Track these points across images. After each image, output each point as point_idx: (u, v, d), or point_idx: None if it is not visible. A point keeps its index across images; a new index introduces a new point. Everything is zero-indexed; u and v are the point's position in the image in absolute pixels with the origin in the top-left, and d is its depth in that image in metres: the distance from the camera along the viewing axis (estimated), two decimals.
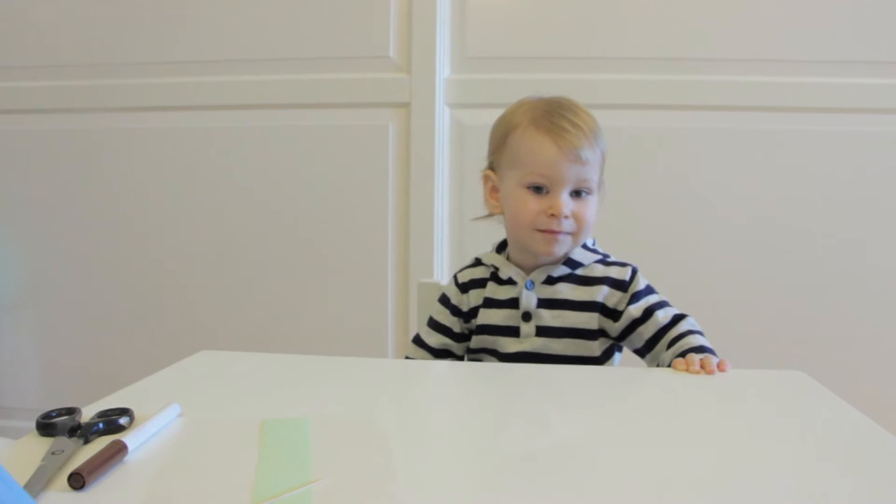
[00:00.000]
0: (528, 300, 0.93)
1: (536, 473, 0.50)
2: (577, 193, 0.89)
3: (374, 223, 1.77)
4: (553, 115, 0.89)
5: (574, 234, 0.90)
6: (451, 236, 1.76)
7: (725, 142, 1.66)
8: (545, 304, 0.92)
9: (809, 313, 1.66)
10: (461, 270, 1.02)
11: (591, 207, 0.90)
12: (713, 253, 1.68)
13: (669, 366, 0.82)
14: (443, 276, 1.75)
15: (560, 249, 0.91)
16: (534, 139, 0.89)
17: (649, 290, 0.93)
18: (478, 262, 1.01)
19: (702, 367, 0.78)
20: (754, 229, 1.67)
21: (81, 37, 1.82)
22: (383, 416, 0.62)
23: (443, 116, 1.72)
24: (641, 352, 0.93)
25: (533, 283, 0.93)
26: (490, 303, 0.96)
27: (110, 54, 1.82)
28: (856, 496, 0.46)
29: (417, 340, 1.02)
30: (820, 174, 1.65)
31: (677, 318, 0.90)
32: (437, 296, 1.11)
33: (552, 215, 0.88)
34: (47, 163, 1.87)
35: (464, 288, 1.00)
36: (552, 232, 0.89)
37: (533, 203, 0.89)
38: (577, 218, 0.89)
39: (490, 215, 0.99)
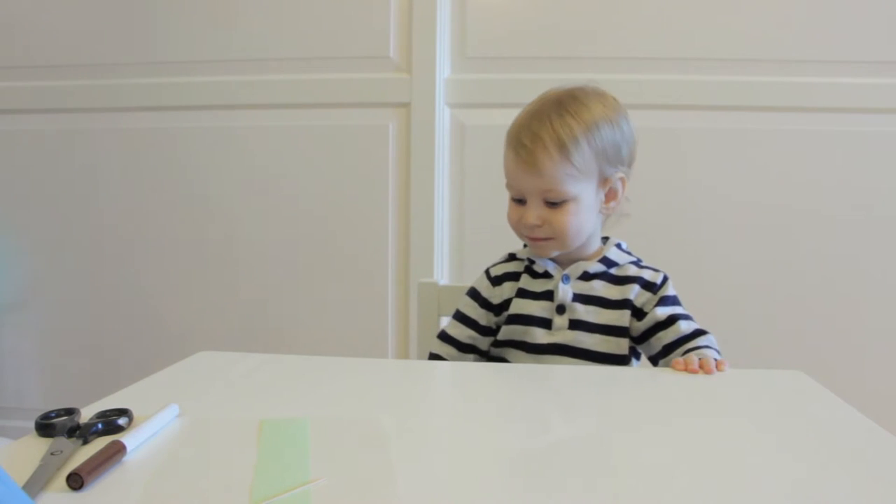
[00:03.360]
0: (565, 293, 0.94)
1: (536, 473, 0.50)
2: (550, 201, 0.90)
3: (374, 223, 1.77)
4: (520, 130, 0.91)
5: (555, 239, 0.92)
6: (451, 236, 1.76)
7: (725, 142, 1.66)
8: (580, 298, 0.94)
9: (809, 313, 1.66)
10: (494, 265, 1.03)
11: (565, 215, 0.90)
12: (712, 252, 1.68)
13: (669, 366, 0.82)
14: (443, 275, 1.75)
15: (547, 252, 0.95)
16: (506, 152, 0.94)
17: (677, 301, 0.95)
18: (512, 257, 1.03)
19: (700, 366, 0.78)
20: (753, 229, 1.67)
21: (81, 37, 1.82)
22: (383, 416, 0.62)
23: (443, 116, 1.72)
24: (656, 358, 0.93)
25: (569, 277, 0.95)
26: (524, 293, 0.97)
27: (110, 54, 1.82)
28: (855, 496, 0.46)
29: (443, 335, 1.02)
30: (820, 174, 1.65)
31: (698, 332, 0.91)
32: (438, 295, 1.11)
33: (525, 224, 0.92)
34: (47, 163, 1.87)
35: (497, 281, 1.00)
36: (532, 238, 0.93)
37: (514, 212, 0.94)
38: (551, 225, 0.90)
39: None
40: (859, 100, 1.62)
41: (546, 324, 0.94)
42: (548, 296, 0.95)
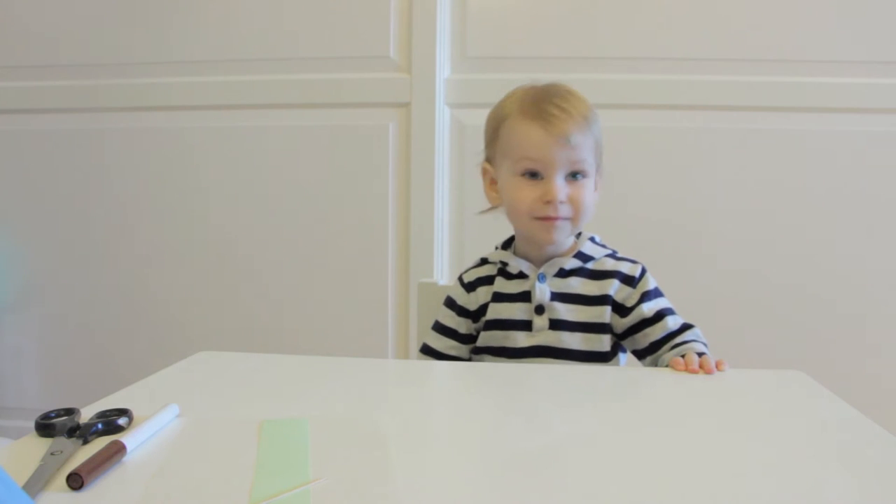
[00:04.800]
0: (542, 293, 0.92)
1: (536, 473, 0.50)
2: (572, 176, 0.89)
3: (374, 223, 1.77)
4: (541, 102, 0.89)
5: (572, 219, 0.90)
6: (451, 236, 1.76)
7: (725, 142, 1.66)
8: (558, 297, 0.92)
9: (809, 313, 1.66)
10: (466, 271, 1.02)
11: (586, 190, 0.90)
12: (712, 252, 1.68)
13: (667, 365, 0.82)
14: (443, 275, 1.75)
15: (560, 235, 0.91)
16: (522, 126, 0.89)
17: (658, 293, 0.93)
18: (483, 262, 1.01)
19: (700, 366, 0.78)
20: (754, 229, 1.67)
21: (81, 37, 1.82)
22: (382, 416, 0.62)
23: (443, 116, 1.72)
24: (642, 353, 0.92)
25: (545, 275, 0.93)
26: (500, 297, 0.95)
27: (110, 54, 1.82)
28: (856, 496, 0.46)
29: (424, 348, 1.00)
30: (820, 174, 1.65)
31: (686, 327, 0.90)
32: (437, 295, 1.10)
33: (548, 202, 0.88)
34: (47, 163, 1.87)
35: (470, 287, 0.99)
36: (549, 218, 0.89)
37: (528, 191, 0.89)
38: (573, 201, 0.89)
39: (492, 208, 0.99)
40: (859, 100, 1.62)
41: (526, 326, 0.92)
42: (525, 297, 0.94)
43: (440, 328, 1.00)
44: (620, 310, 0.92)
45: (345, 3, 1.73)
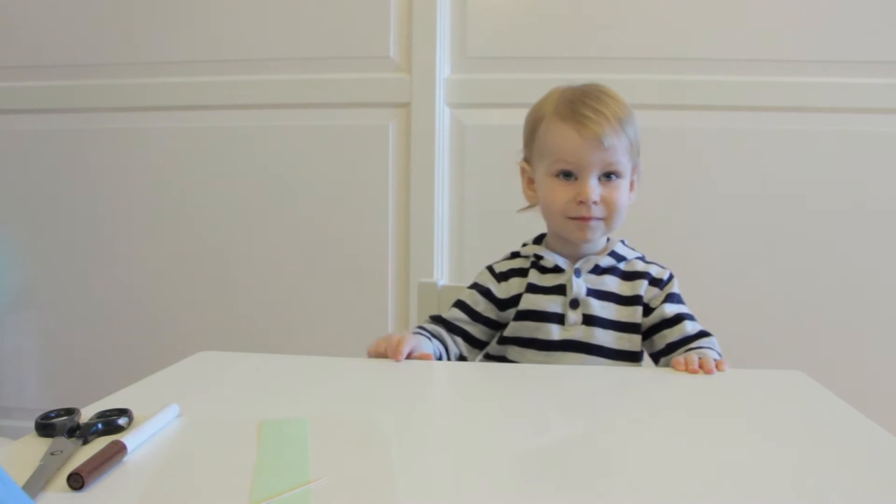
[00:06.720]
0: (579, 287, 0.93)
1: (536, 474, 0.50)
2: (606, 177, 0.90)
3: (374, 223, 1.77)
4: (575, 104, 0.90)
5: (605, 219, 0.91)
6: (451, 236, 1.76)
7: (725, 142, 1.66)
8: (594, 293, 0.93)
9: (809, 313, 1.66)
10: (497, 263, 1.01)
11: (620, 191, 0.91)
12: (713, 252, 1.68)
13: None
14: (443, 275, 1.75)
15: (593, 235, 0.92)
16: (557, 129, 0.90)
17: (681, 300, 0.95)
18: (515, 255, 1.01)
19: (700, 366, 0.78)
20: (754, 229, 1.67)
21: (81, 37, 1.82)
22: (382, 416, 0.62)
23: (443, 116, 1.72)
24: (658, 355, 0.93)
25: (580, 271, 0.94)
26: (535, 289, 0.95)
27: (110, 54, 1.82)
28: (855, 496, 0.46)
29: (433, 316, 0.99)
30: (820, 174, 1.65)
31: (702, 334, 0.91)
32: (437, 296, 1.11)
33: (581, 202, 0.89)
34: (47, 163, 1.87)
35: (503, 277, 0.98)
36: (583, 219, 0.90)
37: (561, 191, 0.91)
38: (607, 202, 0.90)
39: (530, 206, 1.00)
40: (859, 100, 1.62)
41: (559, 319, 0.93)
42: (560, 290, 0.94)
43: (455, 303, 1.00)
44: (646, 310, 0.93)
45: (345, 3, 1.73)
